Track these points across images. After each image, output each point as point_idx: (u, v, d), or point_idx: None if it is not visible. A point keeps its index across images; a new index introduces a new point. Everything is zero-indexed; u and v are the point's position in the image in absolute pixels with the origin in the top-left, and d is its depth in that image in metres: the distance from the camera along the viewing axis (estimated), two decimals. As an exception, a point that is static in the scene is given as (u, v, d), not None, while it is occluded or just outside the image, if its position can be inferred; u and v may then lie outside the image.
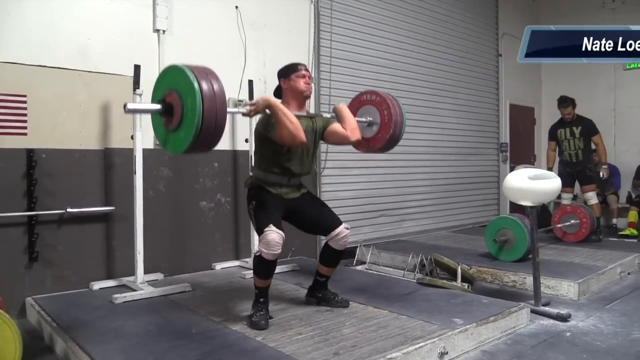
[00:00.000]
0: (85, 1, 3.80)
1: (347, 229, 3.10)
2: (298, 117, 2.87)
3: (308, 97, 3.08)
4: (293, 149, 2.95)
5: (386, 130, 3.27)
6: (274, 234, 2.76)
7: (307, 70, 3.09)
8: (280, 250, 2.81)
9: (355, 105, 3.42)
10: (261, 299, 2.94)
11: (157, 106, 2.50)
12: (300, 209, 3.09)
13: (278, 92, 3.14)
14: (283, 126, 2.77)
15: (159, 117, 2.58)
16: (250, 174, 3.10)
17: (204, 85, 2.31)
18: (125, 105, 2.48)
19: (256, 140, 3.07)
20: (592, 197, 5.94)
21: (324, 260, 3.21)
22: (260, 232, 2.84)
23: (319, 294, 3.26)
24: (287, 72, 3.07)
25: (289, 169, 2.99)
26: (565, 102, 5.97)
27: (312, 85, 3.17)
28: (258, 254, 2.83)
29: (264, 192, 2.98)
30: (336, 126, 3.10)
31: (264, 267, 2.85)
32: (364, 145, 3.35)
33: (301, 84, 3.03)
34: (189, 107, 2.34)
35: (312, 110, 4.40)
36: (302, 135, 2.79)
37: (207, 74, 2.38)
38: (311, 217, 3.12)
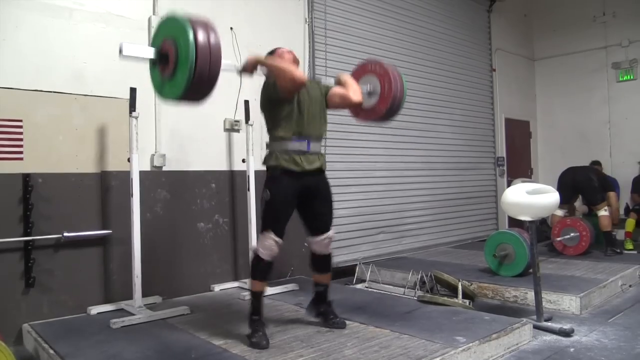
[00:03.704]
0: (80, 26, 3.83)
1: (330, 237, 3.18)
2: None
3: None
4: (304, 107, 2.97)
5: (384, 103, 3.25)
6: (271, 240, 2.93)
7: (290, 52, 3.14)
8: (275, 253, 2.96)
9: (360, 73, 3.41)
10: (255, 317, 2.96)
11: (151, 52, 2.60)
12: (312, 199, 3.09)
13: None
14: (278, 72, 2.85)
15: (156, 69, 2.64)
16: (267, 150, 3.08)
17: (198, 28, 2.40)
18: (120, 50, 2.57)
19: (266, 112, 3.08)
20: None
21: (314, 268, 3.25)
22: (262, 229, 3.00)
23: (321, 309, 3.25)
24: (273, 52, 3.15)
25: (304, 129, 2.99)
26: None
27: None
28: (256, 251, 2.99)
29: (283, 178, 2.96)
30: (337, 88, 3.16)
31: (260, 266, 2.97)
32: (362, 114, 3.40)
33: (287, 56, 3.08)
34: (183, 47, 2.40)
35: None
36: (298, 72, 2.85)
37: (200, 19, 2.47)
38: (315, 213, 3.13)
